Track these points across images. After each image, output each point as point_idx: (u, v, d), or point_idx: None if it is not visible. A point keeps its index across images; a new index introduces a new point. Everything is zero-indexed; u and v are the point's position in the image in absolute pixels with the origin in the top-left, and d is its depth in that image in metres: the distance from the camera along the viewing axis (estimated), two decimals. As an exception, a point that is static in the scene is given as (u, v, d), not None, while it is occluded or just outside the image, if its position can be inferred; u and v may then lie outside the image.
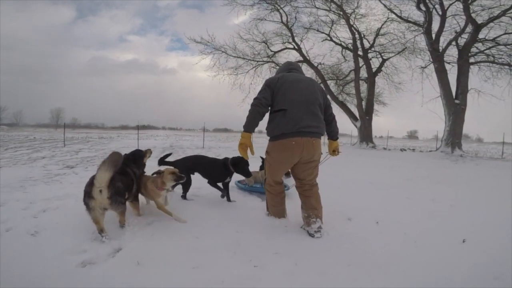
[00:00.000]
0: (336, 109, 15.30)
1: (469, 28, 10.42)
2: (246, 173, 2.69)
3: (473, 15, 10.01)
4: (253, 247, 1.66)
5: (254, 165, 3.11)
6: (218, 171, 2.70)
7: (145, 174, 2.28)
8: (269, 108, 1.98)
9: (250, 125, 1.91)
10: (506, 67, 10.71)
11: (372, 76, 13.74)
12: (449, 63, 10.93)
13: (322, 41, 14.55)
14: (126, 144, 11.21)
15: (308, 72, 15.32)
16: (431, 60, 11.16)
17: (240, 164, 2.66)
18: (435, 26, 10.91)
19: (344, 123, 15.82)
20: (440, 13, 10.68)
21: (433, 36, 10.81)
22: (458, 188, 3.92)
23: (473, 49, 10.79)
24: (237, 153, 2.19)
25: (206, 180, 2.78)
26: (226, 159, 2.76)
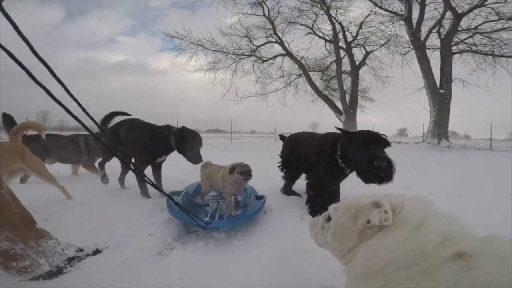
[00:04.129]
0: (320, 103, 14.84)
1: (451, 18, 10.14)
2: (195, 155, 1.59)
3: (453, 4, 9.75)
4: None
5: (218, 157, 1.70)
6: (152, 143, 1.72)
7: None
8: None
9: None
10: (490, 57, 10.46)
11: (355, 69, 13.32)
12: (429, 48, 10.69)
13: (305, 34, 14.23)
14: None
15: (287, 64, 14.90)
16: (410, 47, 10.89)
17: (187, 139, 1.60)
18: (416, 15, 10.65)
19: (331, 119, 15.33)
20: (419, 0, 10.32)
21: (414, 25, 10.50)
22: (440, 175, 3.18)
23: (456, 39, 10.53)
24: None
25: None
26: (167, 127, 1.78)
